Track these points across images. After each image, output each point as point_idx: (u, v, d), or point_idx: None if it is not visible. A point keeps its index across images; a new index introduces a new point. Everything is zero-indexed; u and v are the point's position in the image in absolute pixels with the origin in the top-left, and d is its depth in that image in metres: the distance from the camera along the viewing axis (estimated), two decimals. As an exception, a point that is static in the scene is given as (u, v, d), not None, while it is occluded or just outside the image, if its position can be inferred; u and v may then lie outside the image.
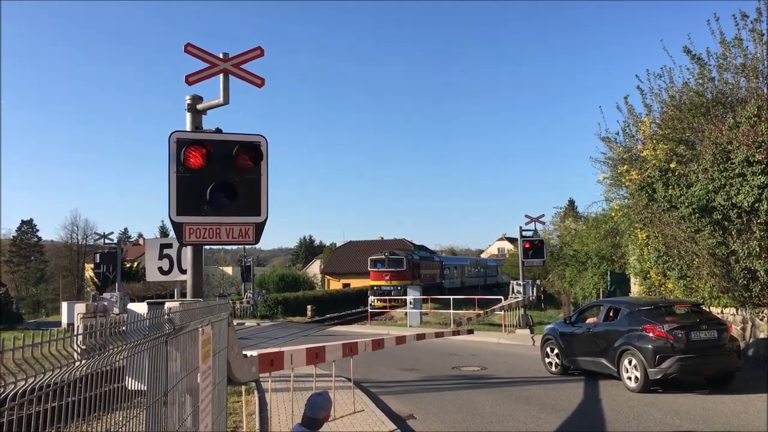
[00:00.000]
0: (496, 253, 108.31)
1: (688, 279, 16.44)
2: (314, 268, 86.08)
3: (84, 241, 79.91)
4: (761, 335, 14.94)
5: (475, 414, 10.71)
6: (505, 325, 25.54)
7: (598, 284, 27.02)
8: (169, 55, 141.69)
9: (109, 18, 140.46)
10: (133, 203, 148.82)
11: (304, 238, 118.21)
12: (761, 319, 14.85)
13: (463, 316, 27.91)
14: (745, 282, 14.54)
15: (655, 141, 17.28)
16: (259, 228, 6.55)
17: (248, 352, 7.92)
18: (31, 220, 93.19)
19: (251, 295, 43.55)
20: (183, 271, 9.83)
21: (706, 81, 16.09)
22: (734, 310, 15.65)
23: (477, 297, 32.76)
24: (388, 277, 46.25)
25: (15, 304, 54.11)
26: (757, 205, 13.71)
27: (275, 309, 43.13)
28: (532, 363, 16.31)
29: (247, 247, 48.80)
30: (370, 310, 37.16)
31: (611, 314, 13.60)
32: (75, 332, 2.45)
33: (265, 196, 6.56)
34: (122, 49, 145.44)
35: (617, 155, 19.07)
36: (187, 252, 6.89)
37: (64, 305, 30.51)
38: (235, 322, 16.17)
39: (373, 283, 48.02)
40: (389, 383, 14.05)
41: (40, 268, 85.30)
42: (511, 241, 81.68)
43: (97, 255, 37.25)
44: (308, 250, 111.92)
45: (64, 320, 28.27)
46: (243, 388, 9.41)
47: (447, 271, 58.99)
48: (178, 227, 6.25)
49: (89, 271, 65.03)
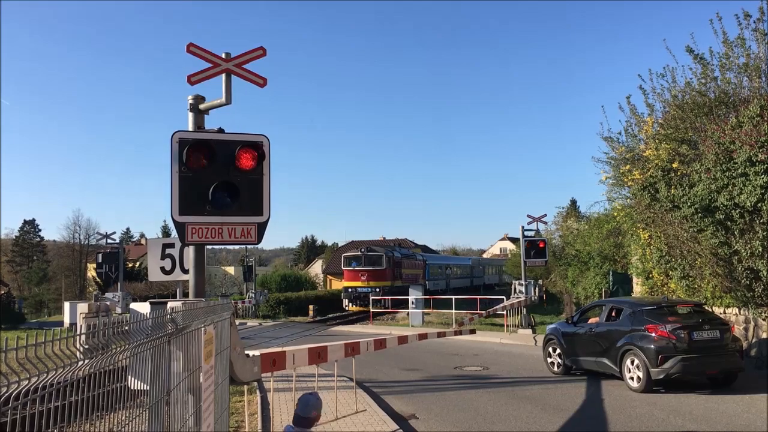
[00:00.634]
0: (498, 253, 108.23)
1: (690, 279, 16.43)
2: (316, 268, 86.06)
3: (86, 241, 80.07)
4: (764, 335, 14.93)
5: (477, 414, 10.71)
6: (507, 325, 25.53)
7: (600, 284, 27.03)
8: (172, 55, 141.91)
9: (110, 18, 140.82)
10: (136, 203, 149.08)
11: (306, 238, 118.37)
12: (764, 319, 14.84)
13: (465, 316, 27.90)
14: (747, 282, 14.52)
15: (657, 141, 17.27)
16: (262, 228, 6.56)
17: (250, 352, 7.92)
18: (34, 220, 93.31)
19: (253, 295, 43.54)
20: (185, 271, 9.84)
21: (708, 81, 16.07)
22: (737, 310, 15.64)
23: (479, 297, 32.73)
24: (365, 277, 40.92)
25: (17, 304, 54.21)
26: (759, 204, 13.70)
27: (277, 309, 43.15)
28: (534, 363, 16.30)
29: (249, 247, 48.58)
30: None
31: (613, 314, 13.59)
32: (77, 332, 2.45)
33: (267, 195, 6.56)
34: (125, 49, 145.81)
35: (619, 155, 19.06)
36: (190, 252, 6.89)
37: (66, 305, 30.50)
38: (237, 321, 16.17)
39: (346, 284, 42.38)
40: (391, 383, 14.05)
41: (42, 268, 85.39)
42: (514, 241, 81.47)
43: (100, 255, 37.27)
44: (310, 250, 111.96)
45: (66, 320, 28.28)
46: (245, 387, 9.43)
47: (431, 271, 53.96)
48: (180, 227, 6.25)
49: (91, 271, 65.16)
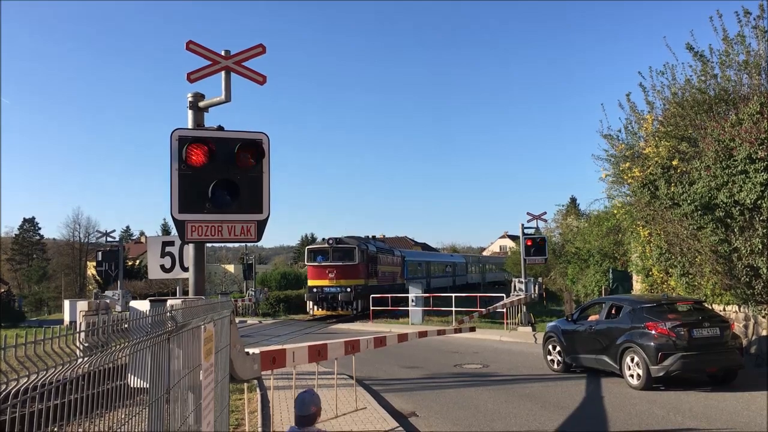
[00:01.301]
0: (497, 251, 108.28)
1: (690, 276, 16.43)
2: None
3: (86, 239, 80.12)
4: (763, 333, 14.94)
5: (477, 411, 10.71)
6: (507, 323, 25.54)
7: (600, 282, 27.01)
8: (171, 53, 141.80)
9: (110, 18, 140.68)
10: (135, 201, 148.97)
11: (306, 236, 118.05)
12: (763, 317, 14.84)
13: (464, 313, 27.90)
14: (747, 279, 14.52)
15: (657, 138, 17.26)
16: (261, 226, 6.55)
17: (250, 350, 7.92)
18: (33, 218, 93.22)
19: (253, 293, 43.56)
20: (185, 269, 9.83)
21: (708, 78, 16.06)
22: (736, 307, 15.64)
23: (479, 295, 32.73)
24: (333, 275, 34.92)
25: (17, 302, 54.22)
26: (759, 202, 13.70)
27: (277, 307, 43.14)
28: (534, 361, 16.31)
29: (248, 245, 48.35)
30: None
31: (613, 312, 13.59)
32: (77, 330, 2.45)
33: (267, 193, 6.56)
34: (125, 49, 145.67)
35: (619, 152, 19.04)
36: (189, 250, 6.89)
37: (66, 303, 30.54)
38: (237, 319, 16.13)
39: (311, 282, 36.29)
40: (391, 381, 14.05)
41: (42, 266, 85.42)
42: (513, 238, 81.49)
43: (99, 253, 37.33)
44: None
45: (66, 318, 28.31)
46: (245, 385, 9.42)
47: (409, 268, 49.38)
48: (180, 225, 6.25)
49: (91, 269, 65.19)
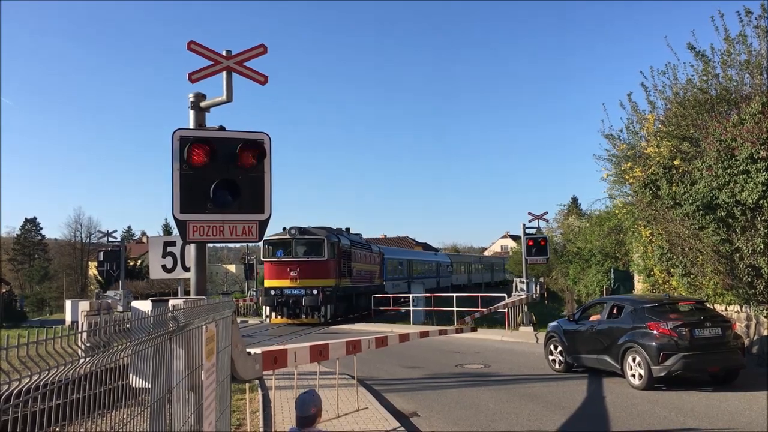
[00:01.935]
0: (499, 250, 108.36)
1: (692, 276, 16.42)
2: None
3: (87, 240, 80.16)
4: (765, 332, 14.92)
5: (478, 411, 10.71)
6: (509, 323, 25.53)
7: (601, 282, 26.99)
8: (173, 53, 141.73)
9: (112, 17, 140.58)
10: (137, 201, 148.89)
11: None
12: (765, 317, 14.83)
13: (466, 313, 27.89)
14: (749, 279, 14.51)
15: (658, 138, 17.26)
16: (263, 226, 6.56)
17: (252, 350, 7.93)
18: (35, 218, 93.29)
19: (255, 293, 43.58)
20: (186, 269, 9.84)
21: (710, 78, 16.05)
22: (738, 307, 15.63)
23: (480, 295, 32.73)
24: (295, 273, 28.94)
25: (19, 302, 54.32)
26: (761, 202, 13.68)
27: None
28: (536, 360, 16.30)
29: (250, 245, 48.17)
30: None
31: (615, 312, 13.58)
32: (79, 330, 2.45)
33: (268, 193, 6.56)
34: (126, 48, 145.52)
35: (621, 152, 19.05)
36: (191, 250, 6.89)
37: (67, 303, 30.54)
38: (238, 319, 16.12)
39: (268, 283, 30.46)
40: (393, 381, 14.05)
41: (43, 266, 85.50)
42: (515, 238, 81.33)
43: (101, 253, 37.41)
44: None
45: (67, 318, 28.31)
46: (246, 385, 9.42)
47: (389, 267, 42.98)
48: (181, 225, 6.26)
49: (93, 269, 65.25)
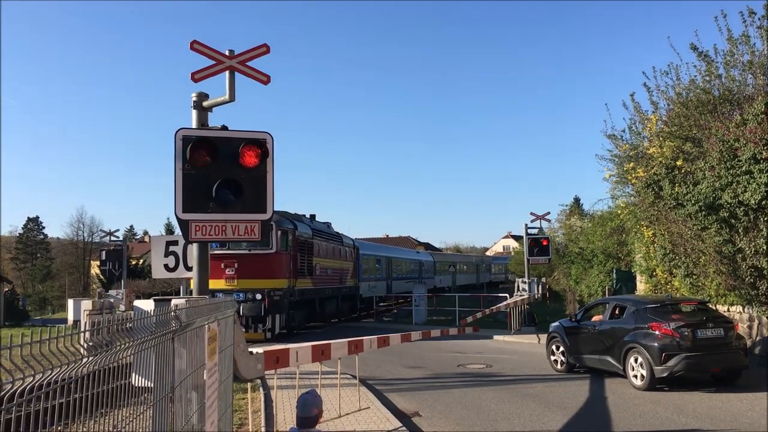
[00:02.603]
0: (501, 251, 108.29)
1: (694, 277, 16.40)
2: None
3: (90, 239, 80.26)
4: (767, 333, 14.90)
5: (480, 412, 10.71)
6: (511, 323, 25.52)
7: (603, 282, 26.98)
8: (175, 53, 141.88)
9: (115, 17, 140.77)
10: (139, 201, 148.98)
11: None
12: (768, 318, 14.81)
13: (468, 313, 27.90)
14: (751, 280, 14.49)
15: (661, 138, 17.25)
16: (265, 225, 6.56)
17: (254, 349, 7.93)
18: (37, 217, 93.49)
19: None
20: (189, 269, 9.84)
21: (713, 78, 16.04)
22: (741, 308, 15.61)
23: (482, 295, 32.78)
24: (232, 271, 22.41)
25: (21, 301, 54.36)
26: (764, 202, 13.66)
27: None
28: (538, 361, 16.29)
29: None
30: None
31: (617, 312, 13.57)
32: (81, 329, 2.45)
33: (270, 193, 6.56)
34: (129, 47, 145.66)
35: (623, 153, 19.05)
36: (193, 249, 6.90)
37: (70, 302, 30.70)
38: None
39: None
40: (395, 381, 14.05)
41: (46, 266, 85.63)
42: (517, 239, 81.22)
43: (103, 252, 37.49)
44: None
45: (70, 317, 28.44)
46: (248, 385, 9.42)
47: (365, 266, 36.44)
48: (184, 224, 6.26)
49: (95, 269, 65.35)
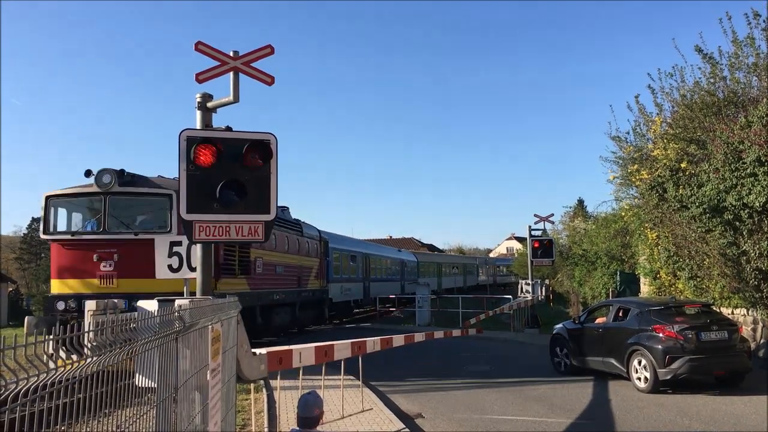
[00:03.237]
0: (504, 252, 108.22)
1: (698, 279, 16.36)
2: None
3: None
4: (772, 336, 14.85)
5: (483, 413, 10.69)
6: (514, 325, 25.49)
7: (607, 284, 26.92)
8: (179, 54, 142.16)
9: (112, 18, 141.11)
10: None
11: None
12: (772, 320, 14.76)
13: (471, 315, 27.89)
14: (756, 282, 14.45)
15: (665, 140, 17.20)
16: (269, 226, 6.56)
17: (257, 350, 7.93)
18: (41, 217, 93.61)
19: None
20: (192, 269, 9.85)
21: (717, 80, 15.99)
22: (745, 310, 15.57)
23: (485, 296, 32.76)
24: (110, 264, 14.71)
25: (25, 301, 54.48)
26: (768, 205, 13.63)
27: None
28: (541, 363, 16.26)
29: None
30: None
31: (621, 314, 13.55)
32: (85, 329, 2.45)
33: (274, 194, 6.56)
34: (132, 48, 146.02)
35: (627, 154, 18.99)
36: (197, 250, 6.90)
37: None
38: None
39: (56, 288, 15.18)
40: (397, 382, 14.04)
41: (49, 266, 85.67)
42: (520, 240, 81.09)
43: (107, 252, 37.40)
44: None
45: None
46: (251, 385, 9.42)
47: (336, 263, 30.15)
48: (188, 225, 6.26)
49: (99, 269, 65.30)
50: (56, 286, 15.26)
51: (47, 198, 15.66)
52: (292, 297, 23.05)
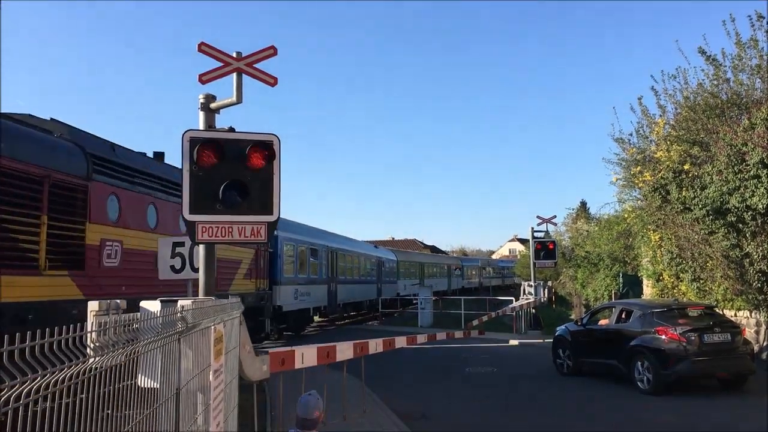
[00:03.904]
0: (507, 254, 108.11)
1: (701, 281, 16.34)
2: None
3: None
4: (775, 339, 14.83)
5: (485, 415, 10.69)
6: (516, 327, 25.46)
7: (610, 286, 26.90)
8: (183, 55, 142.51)
9: (113, 18, 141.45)
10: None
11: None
12: (775, 323, 14.74)
13: (474, 316, 27.86)
14: (759, 285, 14.43)
15: (668, 142, 17.19)
16: (271, 227, 6.57)
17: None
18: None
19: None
20: (195, 270, 9.86)
21: (720, 82, 15.99)
22: (748, 313, 15.54)
23: (488, 298, 32.73)
24: None
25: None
26: (772, 207, 13.61)
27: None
28: (543, 364, 16.24)
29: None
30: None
31: (623, 316, 13.53)
32: (88, 329, 2.46)
33: (277, 195, 6.57)
34: (136, 49, 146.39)
35: (630, 156, 18.98)
36: (200, 250, 6.91)
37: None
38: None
39: None
40: (399, 383, 14.03)
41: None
42: (523, 242, 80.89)
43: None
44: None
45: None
46: (254, 386, 9.43)
47: (288, 254, 23.34)
48: (190, 225, 6.27)
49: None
50: None
51: None
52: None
